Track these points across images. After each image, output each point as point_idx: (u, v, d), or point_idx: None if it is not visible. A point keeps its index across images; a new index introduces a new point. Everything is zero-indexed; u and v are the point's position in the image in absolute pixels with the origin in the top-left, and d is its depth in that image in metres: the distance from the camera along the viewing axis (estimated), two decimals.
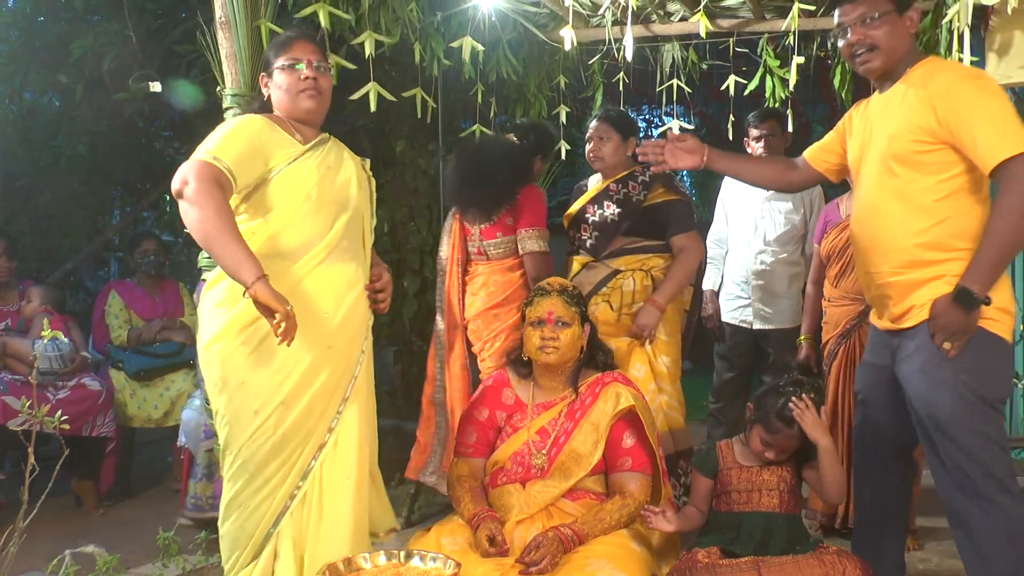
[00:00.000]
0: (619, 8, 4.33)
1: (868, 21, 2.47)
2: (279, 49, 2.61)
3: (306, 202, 2.49)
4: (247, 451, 2.44)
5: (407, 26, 4.02)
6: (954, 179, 2.41)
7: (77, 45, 4.77)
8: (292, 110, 2.59)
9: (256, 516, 2.46)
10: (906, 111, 2.44)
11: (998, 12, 3.47)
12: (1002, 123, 2.32)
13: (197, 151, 2.39)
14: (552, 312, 2.79)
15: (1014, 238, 2.33)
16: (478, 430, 2.90)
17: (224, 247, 2.26)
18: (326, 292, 2.50)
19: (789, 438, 2.62)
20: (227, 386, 2.45)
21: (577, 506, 2.71)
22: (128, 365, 4.65)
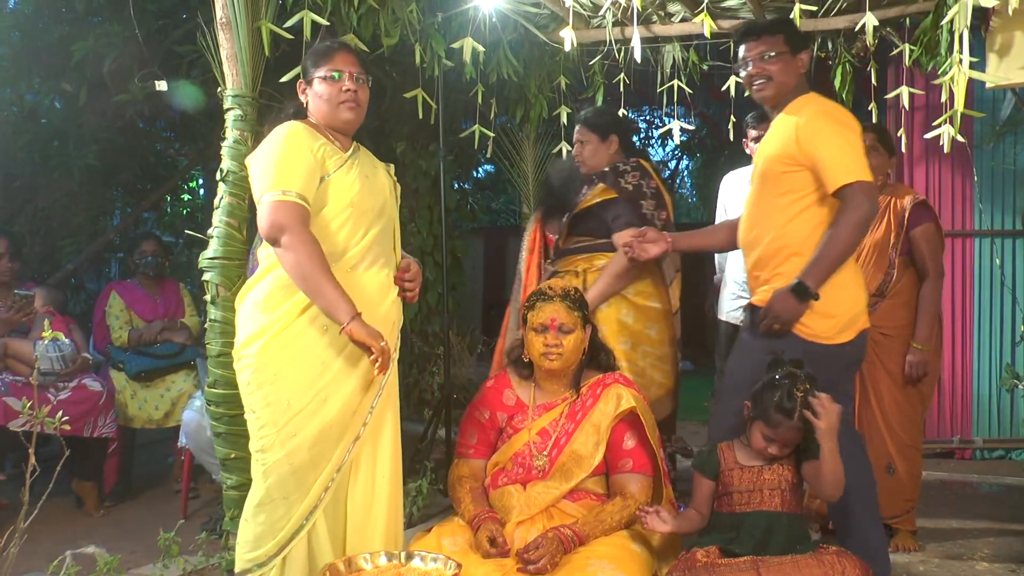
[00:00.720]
0: (619, 9, 4.33)
1: (766, 57, 2.90)
2: (319, 59, 2.66)
3: (347, 210, 2.57)
4: (283, 448, 2.48)
5: (407, 27, 4.03)
6: (808, 196, 2.83)
7: (78, 47, 4.77)
8: (331, 120, 2.65)
9: (290, 511, 2.50)
10: (779, 136, 2.88)
11: (999, 13, 3.46)
12: (846, 153, 2.77)
13: (267, 180, 2.47)
14: (555, 319, 2.79)
15: (847, 246, 2.77)
16: (479, 431, 2.91)
17: (320, 289, 2.40)
18: (364, 293, 2.55)
19: (790, 430, 2.60)
20: (263, 383, 2.50)
21: (578, 507, 2.71)
22: (129, 366, 4.65)
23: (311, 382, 2.50)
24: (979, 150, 5.21)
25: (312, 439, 2.50)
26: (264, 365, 2.50)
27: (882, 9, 4.09)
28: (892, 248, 3.67)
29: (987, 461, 5.24)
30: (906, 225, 3.66)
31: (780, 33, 2.93)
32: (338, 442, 2.53)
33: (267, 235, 2.44)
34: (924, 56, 4.13)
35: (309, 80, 2.68)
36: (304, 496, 2.51)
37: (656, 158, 14.56)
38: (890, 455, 3.70)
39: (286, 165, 2.48)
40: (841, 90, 4.57)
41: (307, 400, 2.50)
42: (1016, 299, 5.26)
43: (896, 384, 3.71)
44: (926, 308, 3.67)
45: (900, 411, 3.72)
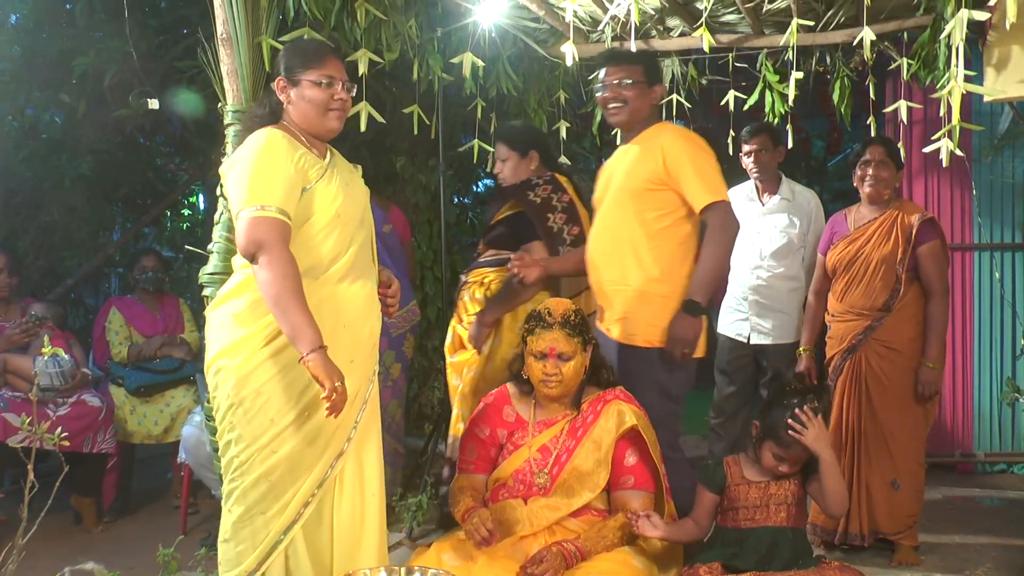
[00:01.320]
0: (619, 24, 4.35)
1: (623, 84, 3.13)
2: (310, 60, 2.54)
3: (333, 221, 2.49)
4: (262, 465, 2.42)
5: (407, 42, 4.04)
6: (672, 214, 3.08)
7: (79, 62, 4.78)
8: (316, 127, 2.55)
9: (267, 527, 2.44)
10: (643, 159, 3.11)
11: (995, 27, 3.47)
12: (711, 175, 3.06)
13: (244, 194, 2.37)
14: (554, 348, 2.76)
15: (724, 262, 3.09)
16: (479, 447, 2.89)
17: (288, 312, 2.30)
18: (348, 308, 2.50)
19: (802, 449, 2.61)
20: (243, 399, 2.42)
21: (579, 522, 2.70)
22: (128, 381, 4.64)
23: (296, 398, 2.43)
24: (978, 164, 5.22)
25: (292, 455, 2.43)
26: (245, 380, 2.42)
27: (880, 23, 4.11)
28: (899, 264, 3.66)
29: (989, 475, 5.22)
30: (913, 242, 3.65)
31: (639, 64, 3.19)
32: (320, 457, 2.46)
33: (244, 252, 2.36)
34: (922, 70, 4.15)
35: (295, 80, 2.53)
36: (283, 511, 2.44)
37: None
38: (895, 471, 3.68)
39: (265, 177, 2.38)
40: (839, 104, 4.59)
41: (291, 417, 2.43)
42: (1016, 312, 5.26)
43: (901, 399, 3.69)
44: (935, 326, 3.67)
45: (904, 427, 3.70)
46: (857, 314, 3.75)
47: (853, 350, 3.75)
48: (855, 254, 3.77)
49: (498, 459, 2.87)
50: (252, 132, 2.53)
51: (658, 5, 4.29)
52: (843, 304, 3.81)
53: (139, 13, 4.57)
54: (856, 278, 3.76)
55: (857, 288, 3.75)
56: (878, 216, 3.78)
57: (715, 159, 3.12)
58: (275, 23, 3.27)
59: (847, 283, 3.80)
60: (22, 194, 5.50)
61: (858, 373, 3.73)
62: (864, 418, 3.72)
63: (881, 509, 3.69)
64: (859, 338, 3.74)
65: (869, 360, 3.72)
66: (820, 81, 4.76)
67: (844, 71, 4.53)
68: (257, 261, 2.33)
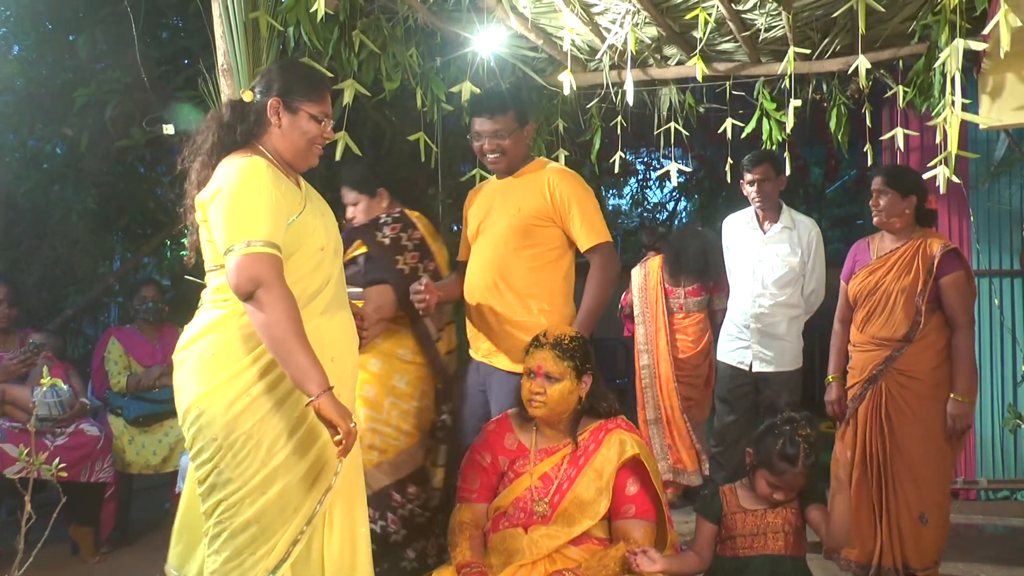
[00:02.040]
0: (616, 53, 4.39)
1: (499, 135, 3.19)
2: (313, 92, 2.47)
3: (317, 253, 2.42)
4: (252, 507, 2.30)
5: (407, 71, 4.07)
6: (555, 250, 3.21)
7: (80, 93, 4.82)
8: (298, 159, 2.48)
9: (255, 568, 2.32)
10: (528, 196, 3.20)
11: (990, 55, 3.49)
12: (596, 216, 3.22)
13: (235, 229, 2.25)
14: (541, 367, 2.76)
15: (605, 299, 3.19)
16: (481, 475, 2.88)
17: (294, 354, 2.21)
18: (333, 341, 2.42)
19: (796, 476, 2.59)
20: (232, 443, 2.30)
21: (580, 551, 2.69)
22: (127, 411, 4.63)
23: (286, 437, 2.33)
24: (975, 191, 5.24)
25: (283, 495, 2.32)
26: (234, 423, 2.29)
27: (875, 52, 4.14)
28: (919, 296, 3.58)
29: (992, 502, 5.20)
30: (935, 273, 3.57)
31: (510, 111, 3.23)
32: (308, 494, 2.36)
33: (240, 290, 2.22)
34: (918, 98, 4.17)
35: (292, 108, 2.44)
36: (271, 551, 2.32)
37: (655, 199, 14.66)
38: (922, 504, 3.60)
39: (256, 210, 2.27)
40: (836, 131, 4.61)
41: (282, 457, 2.32)
42: (1016, 339, 5.25)
43: (924, 431, 3.59)
44: (962, 359, 3.57)
45: (929, 459, 3.60)
46: (878, 344, 3.68)
47: (874, 380, 3.67)
48: (875, 284, 3.70)
49: (499, 487, 2.86)
50: (226, 150, 2.42)
51: (655, 34, 4.33)
52: (864, 334, 3.74)
53: (141, 44, 4.61)
54: (877, 309, 3.69)
55: (878, 319, 3.68)
56: (900, 246, 3.69)
57: (595, 198, 3.30)
58: (275, 53, 3.30)
59: (868, 313, 3.73)
60: (23, 225, 5.52)
61: (879, 404, 3.65)
62: (889, 450, 3.63)
63: (909, 543, 3.61)
64: (880, 368, 3.66)
65: (891, 390, 3.63)
66: (817, 109, 4.78)
67: (841, 99, 4.56)
68: (255, 300, 2.21)
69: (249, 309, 2.23)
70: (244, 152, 2.40)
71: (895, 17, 4.00)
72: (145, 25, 4.87)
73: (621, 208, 15.26)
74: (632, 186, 14.29)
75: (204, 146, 2.45)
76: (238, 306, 2.28)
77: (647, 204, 14.79)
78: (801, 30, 4.14)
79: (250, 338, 2.30)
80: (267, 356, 2.28)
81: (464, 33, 4.14)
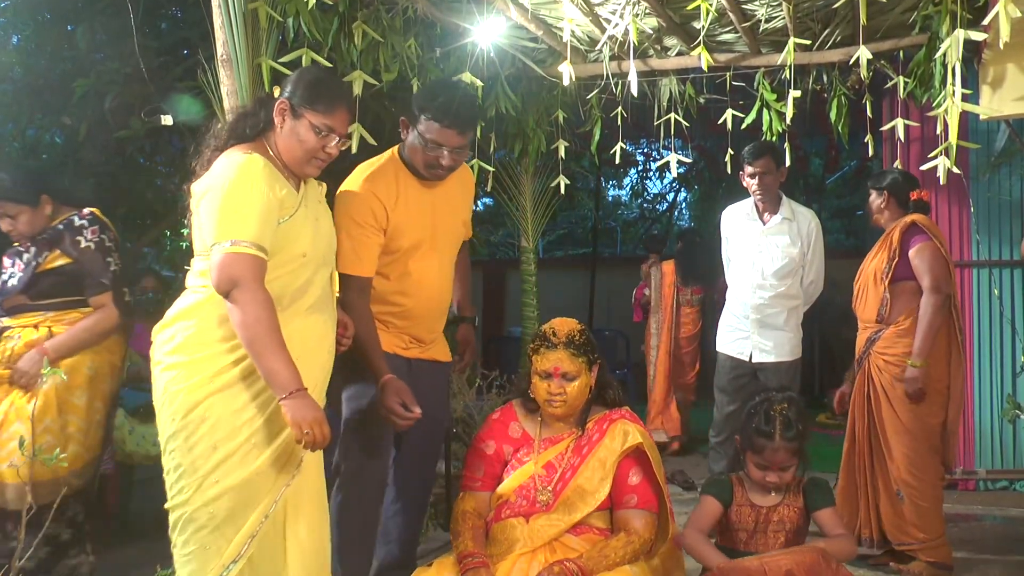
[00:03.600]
0: (616, 44, 4.38)
1: (461, 151, 2.98)
2: (319, 100, 2.43)
3: (298, 259, 2.42)
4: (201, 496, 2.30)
5: (405, 62, 4.07)
6: None
7: (80, 84, 4.82)
8: (294, 165, 2.46)
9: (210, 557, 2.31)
10: (463, 199, 3.23)
11: (990, 46, 3.50)
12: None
13: (222, 226, 2.27)
14: (558, 368, 2.76)
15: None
16: (485, 464, 2.88)
17: (264, 355, 2.25)
18: (304, 341, 2.41)
19: (776, 451, 2.60)
20: (187, 425, 2.31)
21: (580, 541, 2.69)
22: (127, 402, 4.62)
23: (242, 426, 2.32)
24: (975, 181, 5.24)
25: (237, 487, 2.30)
26: (192, 406, 2.30)
27: (875, 43, 4.14)
28: (884, 275, 3.80)
29: (990, 492, 5.21)
30: (899, 248, 3.77)
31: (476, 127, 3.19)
32: (268, 489, 2.34)
33: (219, 287, 2.26)
34: (918, 89, 4.17)
35: (297, 112, 2.43)
36: (228, 543, 2.30)
37: (654, 190, 14.67)
38: (898, 481, 3.75)
39: (242, 209, 2.28)
40: (837, 122, 4.61)
41: (236, 446, 2.31)
42: (1016, 329, 5.26)
43: (897, 412, 3.75)
44: (921, 323, 3.70)
45: (900, 439, 3.74)
46: (864, 327, 3.93)
47: (861, 361, 3.90)
48: (861, 269, 4.00)
49: (503, 475, 2.87)
50: (236, 139, 2.44)
51: (656, 25, 4.32)
52: (858, 318, 4.00)
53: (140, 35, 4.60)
54: (860, 292, 3.97)
55: (860, 301, 3.96)
56: (886, 232, 3.92)
57: None
58: (275, 44, 3.30)
59: (856, 297, 4.01)
60: None
61: (863, 383, 3.87)
62: (869, 428, 3.85)
63: (886, 518, 3.80)
64: (863, 351, 3.89)
65: (871, 372, 3.84)
66: (817, 100, 4.78)
67: (841, 90, 4.55)
68: (232, 299, 2.26)
69: (228, 307, 2.27)
70: (248, 147, 2.41)
71: (896, 7, 4.00)
72: (144, 16, 4.87)
73: (621, 199, 15.27)
74: (632, 177, 14.31)
75: (223, 131, 2.50)
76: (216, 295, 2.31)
77: (647, 195, 14.81)
78: (801, 21, 4.14)
79: (223, 324, 2.32)
80: (242, 350, 2.30)
81: (464, 24, 4.14)
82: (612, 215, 14.76)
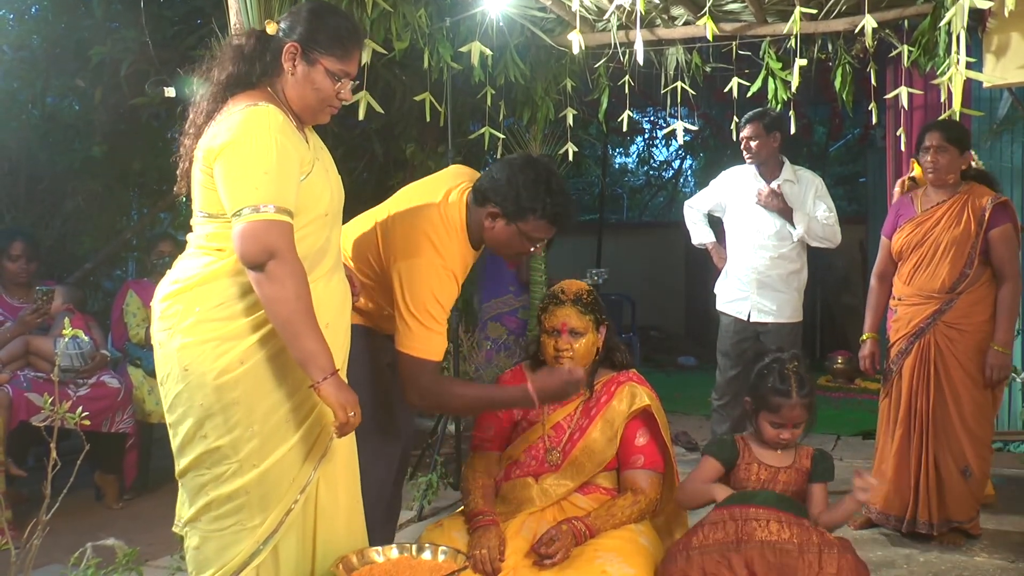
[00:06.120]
0: (624, 13, 4.40)
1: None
2: (337, 45, 2.20)
3: (321, 218, 2.22)
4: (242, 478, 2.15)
5: (416, 31, 4.09)
6: None
7: (96, 51, 4.86)
8: (307, 113, 2.25)
9: (243, 536, 2.18)
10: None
11: (995, 14, 3.51)
12: None
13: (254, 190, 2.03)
14: (566, 323, 2.77)
15: None
16: (495, 424, 2.89)
17: (301, 336, 2.04)
18: (329, 306, 2.25)
19: (792, 408, 2.62)
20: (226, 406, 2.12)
21: (588, 500, 2.73)
22: (146, 362, 4.73)
23: (282, 406, 2.17)
24: (977, 148, 5.24)
25: (278, 464, 2.16)
26: (225, 389, 2.11)
27: (880, 11, 4.13)
28: (972, 247, 3.63)
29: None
30: (986, 224, 3.62)
31: None
32: (304, 462, 2.21)
33: (249, 259, 2.02)
34: (922, 57, 4.18)
35: (311, 57, 2.18)
36: (263, 522, 2.17)
37: (660, 158, 14.65)
38: (966, 458, 3.66)
39: (278, 172, 2.05)
40: (841, 91, 4.61)
41: (278, 427, 2.16)
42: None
43: (973, 382, 3.66)
44: (1006, 310, 3.63)
45: (978, 409, 3.68)
46: (926, 297, 3.71)
47: (921, 333, 3.70)
48: (923, 236, 3.72)
49: (512, 436, 2.89)
50: (240, 86, 2.18)
51: None
52: (910, 287, 3.77)
53: (154, 4, 4.65)
54: (924, 261, 3.72)
55: (925, 271, 3.71)
56: (947, 199, 3.72)
57: None
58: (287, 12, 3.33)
59: (915, 266, 3.75)
60: (44, 181, 5.59)
61: (927, 358, 3.69)
62: (934, 404, 3.67)
63: (952, 497, 3.68)
64: (928, 322, 3.70)
65: (939, 344, 3.67)
66: (822, 68, 4.79)
67: (846, 58, 4.55)
68: (266, 272, 2.02)
69: (256, 278, 2.04)
70: (256, 95, 2.16)
71: None
72: None
73: (627, 166, 15.25)
74: (638, 144, 14.29)
75: (220, 77, 2.20)
76: (235, 259, 2.08)
77: (653, 162, 14.80)
78: None
79: (245, 296, 2.11)
80: (268, 325, 2.10)
81: None
82: (619, 182, 14.74)
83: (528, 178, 2.54)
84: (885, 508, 3.81)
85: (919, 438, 3.71)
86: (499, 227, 2.57)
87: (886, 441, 3.84)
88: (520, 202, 2.52)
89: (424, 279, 2.48)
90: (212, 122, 2.15)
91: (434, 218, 2.55)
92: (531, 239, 2.60)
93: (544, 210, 2.53)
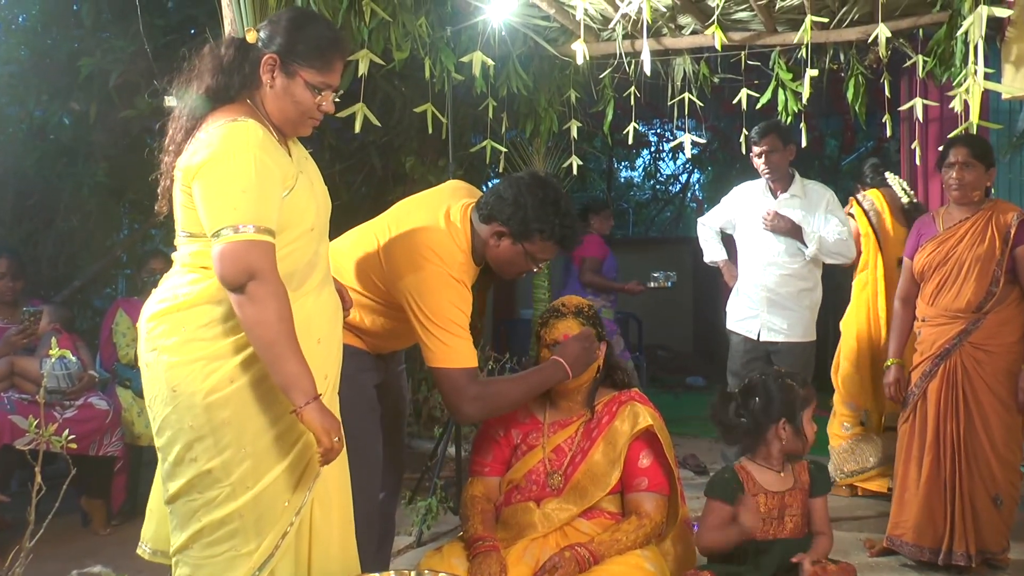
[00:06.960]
0: (630, 22, 4.34)
1: None
2: (316, 57, 2.15)
3: (309, 232, 2.19)
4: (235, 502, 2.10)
5: (417, 41, 4.03)
6: None
7: (85, 62, 4.82)
8: (284, 125, 2.20)
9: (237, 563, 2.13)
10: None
11: (1014, 23, 3.46)
12: None
13: (232, 209, 1.99)
14: (567, 335, 2.75)
15: None
16: (494, 448, 2.87)
17: (283, 360, 2.01)
18: (320, 321, 2.23)
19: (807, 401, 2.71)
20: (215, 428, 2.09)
21: (592, 525, 2.69)
22: (135, 383, 4.63)
23: (266, 425, 2.12)
24: (996, 162, 5.17)
25: (271, 486, 2.12)
26: (214, 410, 2.07)
27: (895, 20, 4.10)
28: (996, 264, 3.50)
29: None
30: (1012, 242, 3.51)
31: None
32: (297, 485, 2.16)
33: (229, 281, 1.99)
34: (938, 67, 4.14)
35: (290, 70, 2.13)
36: (258, 547, 2.12)
37: (667, 171, 14.62)
38: (997, 485, 3.53)
39: (257, 190, 2.01)
40: (854, 102, 4.57)
41: (270, 448, 2.12)
42: None
43: (1003, 406, 3.54)
44: None
45: (1008, 434, 3.55)
46: (951, 317, 3.58)
47: (947, 355, 3.58)
48: (946, 255, 3.61)
49: (512, 460, 2.86)
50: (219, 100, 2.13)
51: (670, 3, 4.28)
52: (934, 307, 3.65)
53: (146, 13, 4.57)
54: (948, 279, 3.60)
55: (950, 290, 3.59)
56: (970, 216, 3.60)
57: None
58: None
59: (938, 285, 3.63)
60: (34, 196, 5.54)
61: (954, 381, 3.56)
62: (963, 428, 3.54)
63: (985, 526, 3.54)
64: (953, 343, 3.57)
65: (965, 366, 3.55)
66: (834, 79, 4.74)
67: (858, 69, 4.51)
68: (247, 293, 1.99)
69: (236, 300, 2.01)
70: (235, 110, 2.11)
71: None
72: None
73: (633, 180, 15.24)
74: (644, 158, 14.27)
75: (199, 90, 2.14)
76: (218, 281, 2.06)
77: (660, 176, 14.78)
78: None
79: (233, 315, 2.06)
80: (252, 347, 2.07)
81: (475, 2, 4.13)
82: (624, 196, 14.73)
83: (537, 198, 2.54)
84: (917, 540, 3.62)
85: (951, 464, 3.56)
86: (504, 246, 2.57)
87: (908, 468, 3.68)
88: (528, 222, 2.53)
89: (436, 289, 2.48)
90: (191, 139, 2.11)
91: (436, 234, 2.55)
92: (535, 259, 2.61)
93: (552, 231, 2.54)
